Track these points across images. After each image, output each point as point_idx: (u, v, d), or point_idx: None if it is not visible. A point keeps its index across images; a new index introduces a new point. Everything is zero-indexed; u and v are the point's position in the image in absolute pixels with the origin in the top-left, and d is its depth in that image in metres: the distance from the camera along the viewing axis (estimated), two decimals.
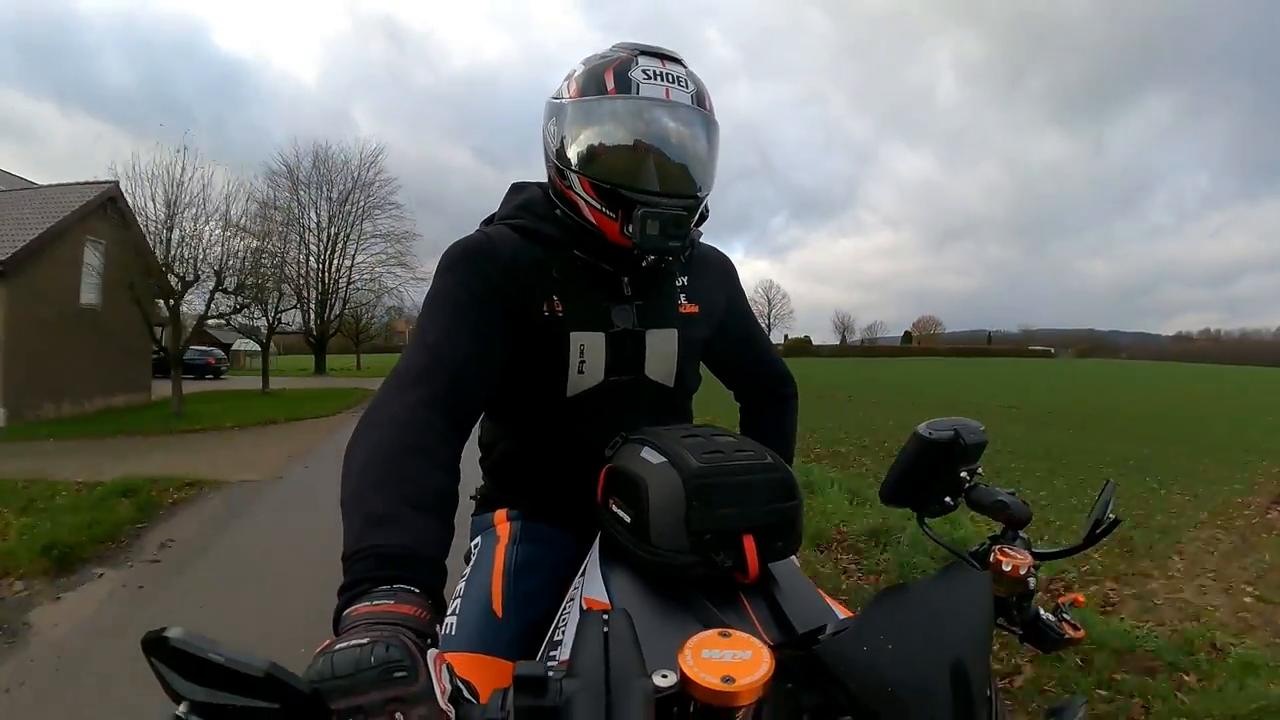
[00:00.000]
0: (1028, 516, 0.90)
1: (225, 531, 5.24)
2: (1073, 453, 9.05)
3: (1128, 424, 13.01)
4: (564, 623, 0.87)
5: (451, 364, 0.93)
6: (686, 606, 0.78)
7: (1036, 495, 6.26)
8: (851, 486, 6.12)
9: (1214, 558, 4.65)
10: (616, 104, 1.00)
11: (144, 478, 6.57)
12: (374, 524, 0.70)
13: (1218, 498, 6.48)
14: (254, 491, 6.68)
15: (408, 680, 0.50)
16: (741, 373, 1.36)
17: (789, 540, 0.86)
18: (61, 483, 6.52)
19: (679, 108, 1.01)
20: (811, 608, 0.81)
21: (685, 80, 1.02)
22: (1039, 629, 0.88)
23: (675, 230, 0.99)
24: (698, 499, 0.81)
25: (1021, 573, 0.84)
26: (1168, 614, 3.53)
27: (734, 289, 1.28)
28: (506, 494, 1.19)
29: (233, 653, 0.45)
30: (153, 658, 0.46)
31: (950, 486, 0.92)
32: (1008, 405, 16.28)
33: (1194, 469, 8.00)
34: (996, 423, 11.48)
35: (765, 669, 0.52)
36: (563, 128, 1.04)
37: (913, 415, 6.56)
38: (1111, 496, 0.92)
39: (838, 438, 10.03)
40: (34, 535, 4.60)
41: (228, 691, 0.46)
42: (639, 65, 1.01)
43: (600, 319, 1.07)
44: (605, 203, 1.01)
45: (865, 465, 7.93)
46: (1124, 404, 17.89)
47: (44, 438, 10.11)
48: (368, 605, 0.62)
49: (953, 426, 0.89)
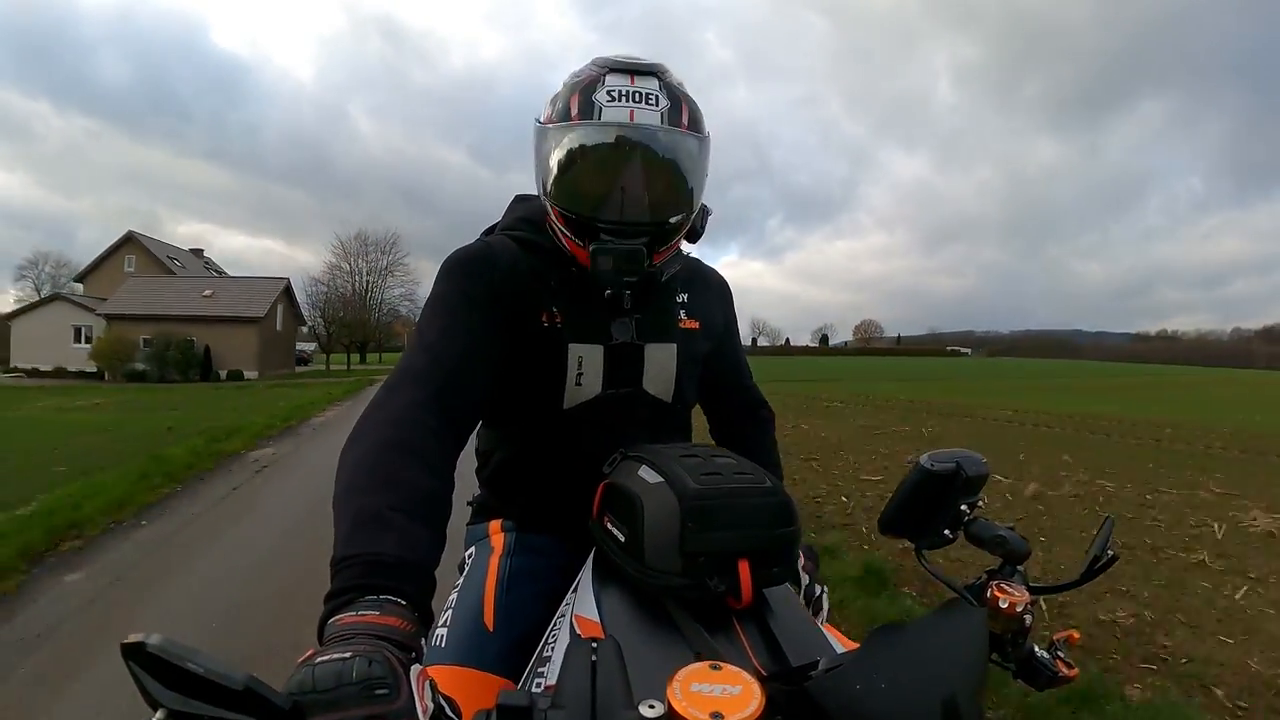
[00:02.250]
0: (1026, 552, 0.89)
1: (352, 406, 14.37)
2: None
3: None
4: (553, 640, 0.86)
5: (447, 365, 0.93)
6: (678, 631, 0.77)
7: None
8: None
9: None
10: (577, 132, 0.97)
11: (305, 400, 15.97)
12: (362, 528, 0.70)
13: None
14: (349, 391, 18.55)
15: (389, 698, 0.50)
16: (723, 395, 1.35)
17: (785, 566, 0.85)
18: (283, 398, 16.77)
19: (643, 130, 0.96)
20: (806, 636, 0.79)
21: (655, 97, 0.97)
22: (1033, 666, 0.87)
23: (628, 266, 0.97)
24: (693, 520, 0.79)
25: (1018, 610, 0.83)
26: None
27: (729, 311, 1.29)
28: (502, 504, 1.18)
29: (212, 663, 0.45)
30: (131, 663, 0.45)
31: (950, 519, 0.91)
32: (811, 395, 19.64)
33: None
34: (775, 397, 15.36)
35: (755, 706, 0.51)
36: (539, 153, 1.02)
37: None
38: (1110, 532, 0.91)
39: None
40: (271, 416, 11.88)
41: (205, 702, 0.45)
42: (605, 85, 0.97)
43: (599, 331, 1.06)
44: (573, 231, 1.00)
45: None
46: (934, 396, 20.44)
47: (270, 382, 26.65)
48: (353, 615, 0.61)
49: (955, 458, 0.88)
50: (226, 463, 7.63)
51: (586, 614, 0.84)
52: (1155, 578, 4.02)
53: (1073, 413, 14.68)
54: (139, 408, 15.16)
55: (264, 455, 8.24)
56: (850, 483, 6.66)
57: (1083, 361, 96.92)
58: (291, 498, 5.90)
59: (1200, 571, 4.18)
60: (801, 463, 7.68)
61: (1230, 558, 4.45)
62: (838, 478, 6.92)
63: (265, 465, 7.55)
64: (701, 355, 1.19)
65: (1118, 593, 3.70)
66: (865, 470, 7.32)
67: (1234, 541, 4.82)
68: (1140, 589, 3.81)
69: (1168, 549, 4.60)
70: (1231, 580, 4.02)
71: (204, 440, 8.48)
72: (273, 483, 6.65)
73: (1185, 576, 4.06)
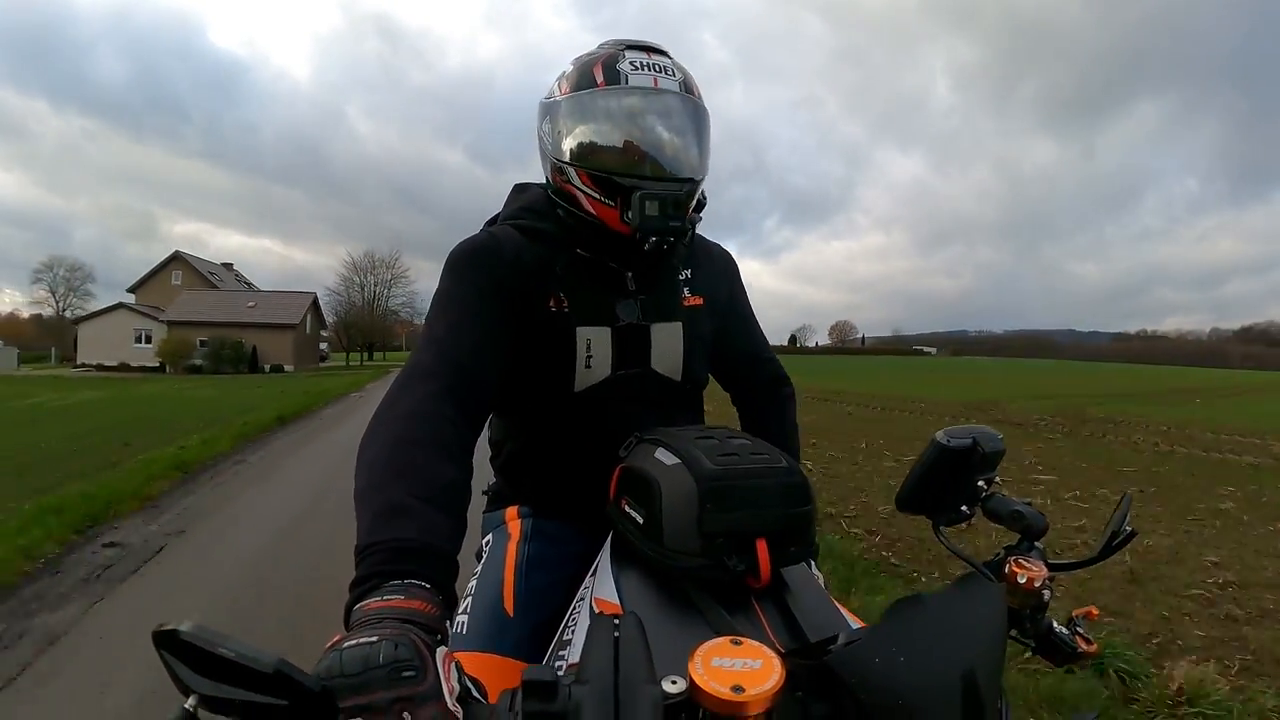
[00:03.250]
0: (1044, 528, 0.89)
1: (377, 386, 20.69)
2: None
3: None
4: (574, 622, 0.86)
5: (459, 357, 0.93)
6: (697, 610, 0.78)
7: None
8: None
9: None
10: (608, 95, 1.02)
11: (343, 384, 22.34)
12: (386, 517, 0.70)
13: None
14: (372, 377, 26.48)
15: (416, 680, 0.50)
16: (740, 370, 1.34)
17: (802, 545, 0.85)
18: (324, 383, 23.41)
19: (667, 95, 1.03)
20: (824, 615, 0.80)
21: (672, 70, 1.05)
22: (1052, 642, 0.87)
23: (674, 211, 1.00)
24: (711, 501, 0.80)
25: (1036, 585, 0.83)
26: None
27: (736, 284, 1.28)
28: (517, 491, 1.19)
29: (243, 647, 0.45)
30: (163, 651, 0.46)
31: (967, 495, 0.90)
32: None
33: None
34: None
35: (776, 679, 0.52)
36: (557, 124, 1.06)
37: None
38: (1129, 509, 0.91)
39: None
40: (314, 396, 17.08)
41: (237, 686, 0.46)
42: (626, 58, 1.04)
43: (605, 314, 1.07)
44: (603, 192, 1.02)
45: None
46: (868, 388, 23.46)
47: (307, 373, 35.97)
48: (379, 600, 0.62)
49: (971, 435, 0.87)
50: (312, 414, 13.47)
51: (606, 596, 0.85)
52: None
53: (908, 395, 18.05)
54: (230, 388, 20.95)
55: (329, 412, 13.90)
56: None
57: (1030, 360, 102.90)
58: (351, 429, 10.31)
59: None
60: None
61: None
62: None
63: (333, 415, 13.21)
64: (709, 332, 1.19)
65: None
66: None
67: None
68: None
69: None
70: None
71: (302, 400, 15.30)
72: (341, 421, 12.01)
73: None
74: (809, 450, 8.30)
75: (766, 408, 1.36)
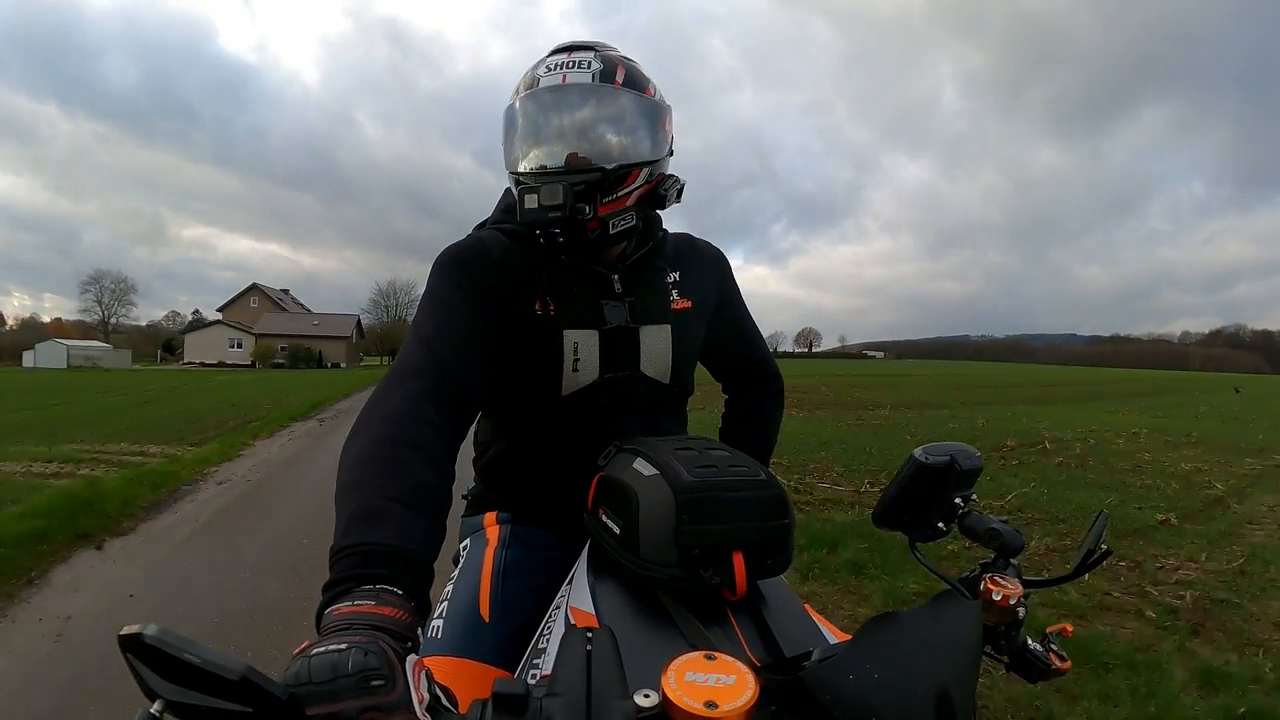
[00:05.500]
0: (1020, 545, 0.89)
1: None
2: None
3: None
4: (549, 631, 0.86)
5: (445, 358, 0.93)
6: (672, 623, 0.77)
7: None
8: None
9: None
10: (523, 103, 1.04)
11: (373, 375, 31.87)
12: (362, 519, 0.70)
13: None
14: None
15: (385, 689, 0.50)
16: (732, 365, 1.36)
17: (779, 558, 0.85)
18: (371, 373, 38.03)
19: (572, 89, 1.02)
20: (800, 628, 0.80)
21: (588, 63, 1.04)
22: (1026, 659, 0.87)
23: (549, 201, 0.98)
24: (688, 513, 0.80)
25: (1011, 602, 0.83)
26: None
27: (726, 281, 1.27)
28: (497, 495, 1.18)
29: (209, 653, 0.45)
30: (129, 654, 0.45)
31: (944, 512, 0.91)
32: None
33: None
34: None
35: (749, 695, 0.51)
36: (503, 138, 1.09)
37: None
38: (1105, 527, 0.92)
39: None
40: (371, 379, 25.40)
41: (203, 692, 0.45)
42: (545, 63, 1.05)
43: (593, 316, 1.07)
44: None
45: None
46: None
47: (355, 369, 51.02)
48: (349, 605, 0.61)
49: (949, 452, 0.88)
50: (366, 388, 16.63)
51: (582, 606, 0.84)
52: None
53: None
54: (312, 378, 31.32)
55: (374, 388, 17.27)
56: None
57: (969, 362, 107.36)
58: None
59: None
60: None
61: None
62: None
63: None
64: (698, 335, 1.19)
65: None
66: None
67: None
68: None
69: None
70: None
71: (359, 381, 23.57)
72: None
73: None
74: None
75: (751, 403, 1.37)
